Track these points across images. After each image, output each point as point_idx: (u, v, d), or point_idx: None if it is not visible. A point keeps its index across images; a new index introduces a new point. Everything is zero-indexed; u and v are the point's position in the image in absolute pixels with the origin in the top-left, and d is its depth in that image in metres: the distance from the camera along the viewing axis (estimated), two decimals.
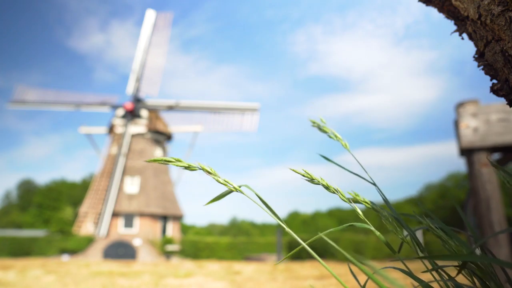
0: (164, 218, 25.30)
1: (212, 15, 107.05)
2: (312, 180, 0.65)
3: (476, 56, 0.75)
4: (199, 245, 23.66)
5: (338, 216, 56.72)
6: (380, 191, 0.68)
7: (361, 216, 0.66)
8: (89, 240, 22.52)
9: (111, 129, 26.11)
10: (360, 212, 0.66)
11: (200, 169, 0.58)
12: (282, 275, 10.25)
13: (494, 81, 0.72)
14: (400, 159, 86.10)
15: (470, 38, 0.77)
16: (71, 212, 41.52)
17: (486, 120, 4.68)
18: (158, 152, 26.57)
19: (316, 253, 0.52)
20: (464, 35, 0.79)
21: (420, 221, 0.65)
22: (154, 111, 26.34)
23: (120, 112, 25.35)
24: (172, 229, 25.83)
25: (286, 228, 0.56)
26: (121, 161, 24.12)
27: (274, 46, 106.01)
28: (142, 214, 23.97)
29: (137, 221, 23.88)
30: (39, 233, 28.99)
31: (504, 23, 0.60)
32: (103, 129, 26.39)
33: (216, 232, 57.45)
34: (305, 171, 0.64)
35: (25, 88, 25.19)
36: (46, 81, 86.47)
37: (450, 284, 0.56)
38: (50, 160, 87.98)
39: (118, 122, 25.44)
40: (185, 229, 48.20)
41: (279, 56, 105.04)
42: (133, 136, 25.49)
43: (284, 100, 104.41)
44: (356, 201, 0.69)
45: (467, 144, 4.66)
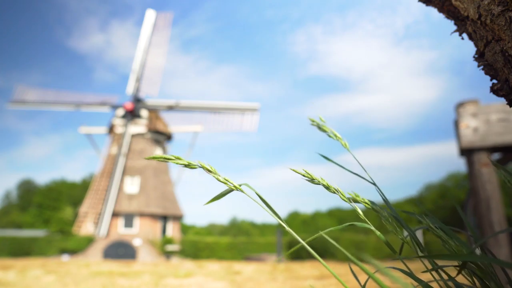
0: (164, 218, 25.30)
1: (212, 15, 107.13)
2: (313, 180, 0.65)
3: (476, 56, 0.75)
4: (199, 245, 23.66)
5: (338, 216, 56.72)
6: (380, 191, 0.68)
7: (362, 216, 0.66)
8: (89, 240, 22.52)
9: (111, 129, 26.11)
10: (361, 212, 0.66)
11: (200, 167, 0.58)
12: (282, 275, 10.25)
13: (494, 81, 0.72)
14: (400, 159, 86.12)
15: (470, 38, 0.77)
16: (71, 212, 41.53)
17: (486, 120, 4.68)
18: (158, 152, 26.47)
19: (316, 253, 0.52)
20: (464, 35, 0.79)
21: (420, 221, 0.65)
22: (154, 111, 26.35)
23: (120, 112, 25.36)
24: (172, 229, 25.83)
25: (286, 227, 0.56)
26: (121, 161, 24.12)
27: (274, 46, 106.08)
28: (142, 214, 23.97)
29: (137, 221, 23.89)
30: (39, 233, 28.98)
31: (504, 23, 0.60)
32: (103, 129, 26.40)
33: (216, 232, 57.43)
34: (306, 171, 0.65)
35: (25, 88, 25.21)
36: (46, 81, 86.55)
37: (450, 284, 0.56)
38: (50, 160, 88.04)
39: (118, 122, 25.45)
40: (185, 229, 48.20)
41: (279, 56, 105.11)
42: (133, 136, 25.50)
43: (284, 100, 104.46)
44: (356, 201, 0.69)
45: (467, 144, 4.66)
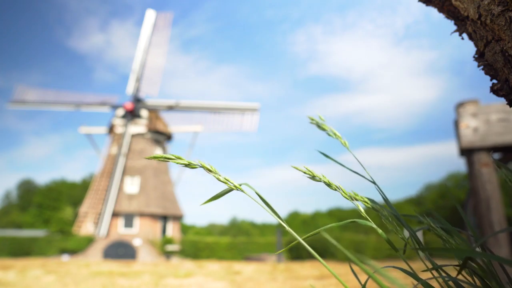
0: (164, 218, 25.30)
1: (212, 15, 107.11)
2: (314, 178, 0.65)
3: (476, 56, 0.75)
4: (199, 245, 23.66)
5: (338, 216, 56.72)
6: (380, 190, 0.68)
7: (363, 214, 0.66)
8: (89, 240, 22.52)
9: (111, 129, 26.11)
10: (362, 210, 0.67)
11: (201, 167, 0.58)
12: (282, 275, 10.25)
13: (494, 81, 0.72)
14: (400, 159, 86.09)
15: (470, 38, 0.77)
16: (71, 212, 41.52)
17: (486, 120, 4.68)
18: (158, 152, 26.02)
19: (316, 253, 0.52)
20: (464, 35, 0.79)
21: (421, 221, 0.65)
22: (154, 111, 26.35)
23: (120, 112, 25.36)
24: (172, 229, 25.83)
25: (286, 227, 0.56)
26: (121, 161, 24.12)
27: (274, 46, 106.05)
28: (142, 214, 23.97)
29: (137, 221, 23.89)
30: (39, 233, 28.98)
31: (504, 23, 0.61)
32: (103, 129, 26.40)
33: (216, 232, 57.41)
34: (307, 168, 0.65)
35: (25, 88, 25.21)
36: (46, 81, 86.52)
37: (451, 284, 0.57)
38: (50, 160, 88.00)
39: (118, 122, 25.45)
40: (185, 229, 48.19)
41: (279, 56, 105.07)
42: (133, 136, 25.50)
43: (284, 100, 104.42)
44: (356, 200, 0.69)
45: (467, 144, 4.66)
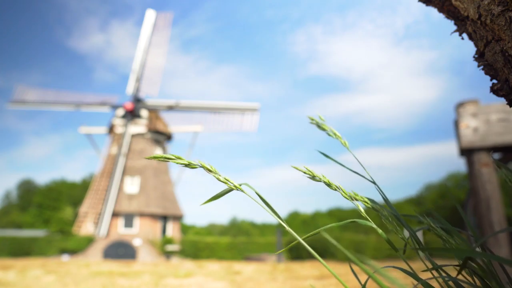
0: (164, 218, 25.30)
1: (212, 15, 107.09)
2: (314, 177, 0.65)
3: (476, 56, 0.75)
4: (199, 245, 23.66)
5: (338, 216, 56.73)
6: (380, 190, 0.68)
7: (363, 214, 0.66)
8: (89, 240, 22.52)
9: (111, 129, 26.11)
10: (362, 209, 0.67)
11: (201, 167, 0.58)
12: (282, 275, 10.25)
13: (494, 81, 0.72)
14: (400, 159, 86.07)
15: (470, 38, 0.77)
16: (71, 212, 41.52)
17: (486, 120, 4.68)
18: (158, 152, 26.01)
19: (316, 253, 0.52)
20: (464, 35, 0.79)
21: (421, 221, 0.65)
22: (154, 111, 26.35)
23: (120, 112, 25.36)
24: (172, 229, 25.83)
25: (286, 227, 0.56)
26: (121, 161, 24.12)
27: (274, 46, 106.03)
28: (142, 214, 23.97)
29: (137, 221, 23.88)
30: (39, 233, 28.98)
31: (504, 23, 0.61)
32: (103, 129, 26.40)
33: (216, 232, 57.41)
34: (307, 168, 0.65)
35: (25, 88, 25.21)
36: (46, 81, 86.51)
37: (451, 283, 0.56)
38: (50, 160, 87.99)
39: (118, 122, 25.45)
40: (185, 229, 48.19)
41: (279, 56, 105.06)
42: (133, 136, 25.50)
43: (284, 100, 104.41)
44: (356, 200, 0.69)
45: (467, 144, 4.66)
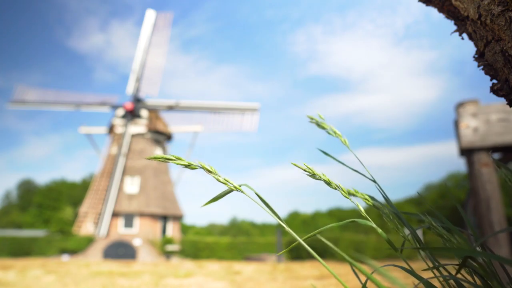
0: (164, 218, 25.30)
1: (212, 15, 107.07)
2: (314, 176, 0.65)
3: (476, 56, 0.75)
4: (199, 245, 23.66)
5: (338, 216, 56.73)
6: (380, 189, 0.68)
7: (363, 213, 0.66)
8: (89, 240, 22.52)
9: (111, 129, 26.11)
10: (362, 208, 0.67)
11: (201, 168, 0.58)
12: (282, 275, 10.25)
13: (494, 81, 0.72)
14: (400, 159, 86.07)
15: (470, 38, 0.77)
16: (71, 212, 41.52)
17: (486, 120, 4.68)
18: (158, 152, 26.55)
19: (316, 253, 0.52)
20: (464, 35, 0.79)
21: (422, 220, 0.65)
22: (154, 111, 26.35)
23: (120, 112, 25.36)
24: (172, 229, 25.83)
25: (286, 227, 0.56)
26: (121, 161, 24.12)
27: (274, 46, 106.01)
28: (142, 214, 23.97)
29: (137, 221, 23.88)
30: (39, 233, 28.98)
31: (504, 23, 0.61)
32: (103, 129, 26.40)
33: (216, 232, 57.42)
34: (307, 166, 0.65)
35: (25, 88, 25.21)
36: (46, 81, 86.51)
37: (451, 283, 0.57)
38: (50, 160, 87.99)
39: (118, 122, 25.45)
40: (185, 229, 48.19)
41: (279, 56, 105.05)
42: (133, 136, 25.49)
43: (284, 100, 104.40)
44: (356, 196, 0.69)
45: (467, 144, 4.66)
